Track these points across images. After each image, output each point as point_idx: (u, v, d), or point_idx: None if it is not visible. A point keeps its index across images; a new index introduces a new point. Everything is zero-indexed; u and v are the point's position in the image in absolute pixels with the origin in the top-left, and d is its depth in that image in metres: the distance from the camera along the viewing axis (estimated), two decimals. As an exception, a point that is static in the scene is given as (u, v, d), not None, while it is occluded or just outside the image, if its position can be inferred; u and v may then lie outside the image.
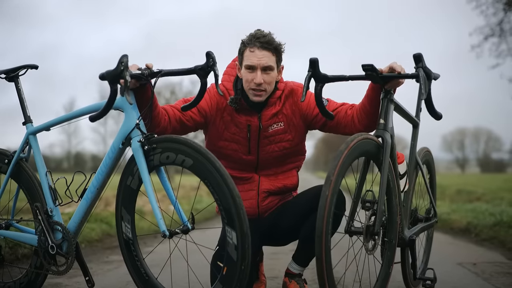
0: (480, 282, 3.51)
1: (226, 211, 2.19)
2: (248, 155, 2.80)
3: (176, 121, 2.66)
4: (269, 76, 2.68)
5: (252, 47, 2.65)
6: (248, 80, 2.68)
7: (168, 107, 2.68)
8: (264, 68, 2.65)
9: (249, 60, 2.66)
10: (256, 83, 2.65)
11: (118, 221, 2.49)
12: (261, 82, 2.65)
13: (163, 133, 2.63)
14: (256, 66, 2.65)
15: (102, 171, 2.48)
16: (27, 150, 2.84)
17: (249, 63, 2.66)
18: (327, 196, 2.13)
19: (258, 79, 2.65)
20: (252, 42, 2.65)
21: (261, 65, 2.64)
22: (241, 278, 2.18)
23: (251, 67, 2.66)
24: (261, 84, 2.66)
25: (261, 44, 2.64)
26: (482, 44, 10.56)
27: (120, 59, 2.23)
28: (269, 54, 2.65)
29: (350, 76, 2.54)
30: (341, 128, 2.76)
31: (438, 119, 2.63)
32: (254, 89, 2.68)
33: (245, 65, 2.68)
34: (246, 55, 2.67)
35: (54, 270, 2.65)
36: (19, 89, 2.89)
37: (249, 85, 2.69)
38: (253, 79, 2.66)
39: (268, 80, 2.68)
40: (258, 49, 2.64)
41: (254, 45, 2.65)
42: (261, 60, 2.64)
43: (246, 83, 2.70)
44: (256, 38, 2.65)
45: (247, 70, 2.68)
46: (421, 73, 2.42)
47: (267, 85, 2.69)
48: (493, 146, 65.03)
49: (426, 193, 3.31)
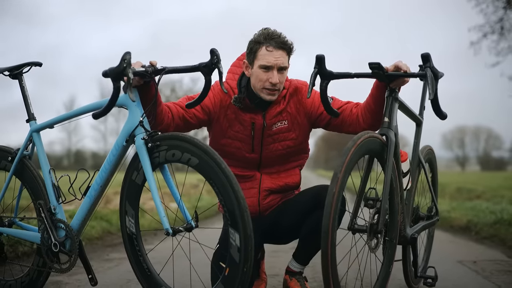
0: (481, 280, 3.51)
1: (230, 213, 2.19)
2: (251, 153, 2.80)
3: (179, 118, 2.66)
4: (283, 76, 2.68)
5: (269, 46, 2.63)
6: (263, 80, 2.66)
7: (171, 104, 2.67)
8: (279, 68, 2.65)
9: (265, 60, 2.63)
10: (272, 83, 2.64)
11: (122, 216, 2.49)
12: (277, 82, 2.65)
13: (166, 130, 2.63)
14: (273, 66, 2.63)
15: (105, 169, 2.48)
16: (30, 147, 2.83)
17: (265, 62, 2.63)
18: (334, 193, 2.13)
19: (274, 79, 2.64)
20: (268, 41, 2.63)
21: (278, 65, 2.63)
22: (243, 279, 2.18)
23: (268, 67, 2.64)
24: (276, 84, 2.66)
25: (277, 44, 2.63)
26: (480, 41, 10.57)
27: (123, 56, 2.23)
28: (284, 54, 2.65)
29: (355, 73, 2.54)
30: (346, 127, 2.76)
31: (443, 119, 2.64)
32: (269, 88, 2.67)
33: (260, 64, 2.65)
34: (262, 54, 2.64)
35: (57, 268, 2.65)
36: (23, 87, 2.88)
37: (263, 85, 2.67)
38: (268, 78, 2.64)
39: (282, 80, 2.68)
40: (275, 49, 2.63)
41: (271, 44, 2.63)
42: (278, 60, 2.63)
43: (260, 82, 2.67)
44: (271, 38, 2.63)
45: (262, 70, 2.65)
46: (429, 73, 2.41)
47: (280, 85, 2.69)
48: (493, 144, 65.06)
49: (427, 191, 3.31)
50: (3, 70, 2.88)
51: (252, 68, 2.70)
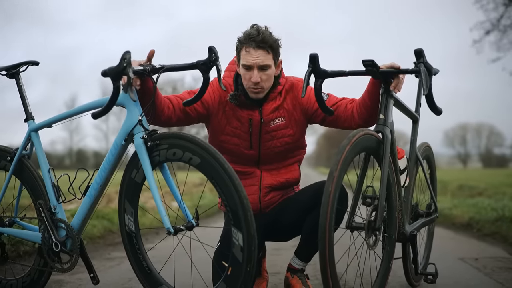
0: (482, 277, 3.51)
1: (233, 212, 2.18)
2: (250, 150, 2.81)
3: (180, 110, 2.67)
4: (266, 74, 2.68)
5: (248, 47, 2.64)
6: (246, 79, 2.69)
7: (172, 96, 2.69)
8: (260, 67, 2.66)
9: (244, 60, 2.66)
10: (253, 82, 2.66)
11: (121, 214, 2.48)
12: (258, 81, 2.66)
13: (168, 122, 2.64)
14: (252, 66, 2.65)
15: (105, 168, 2.47)
16: (29, 147, 2.83)
17: (245, 62, 2.66)
18: (330, 191, 2.14)
19: (254, 78, 2.66)
20: (247, 42, 2.65)
21: (257, 64, 2.65)
22: (246, 279, 2.18)
23: (248, 67, 2.66)
24: (258, 83, 2.67)
25: (255, 44, 2.63)
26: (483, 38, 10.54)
27: (122, 55, 2.22)
28: (264, 52, 2.65)
29: (350, 71, 2.54)
30: (341, 123, 2.77)
31: (438, 114, 2.64)
32: (252, 87, 2.69)
33: (242, 64, 2.69)
34: (242, 55, 2.67)
35: (59, 268, 2.65)
36: (20, 86, 2.88)
37: (247, 84, 2.70)
38: (250, 78, 2.67)
39: (265, 78, 2.68)
40: (254, 49, 2.64)
41: (249, 45, 2.64)
42: (256, 60, 2.64)
43: (245, 81, 2.71)
44: (250, 38, 2.64)
45: (244, 69, 2.68)
46: (422, 68, 2.42)
47: (264, 83, 2.69)
48: (495, 141, 65.04)
49: (426, 188, 3.31)
50: (0, 69, 2.88)
51: (239, 67, 2.73)
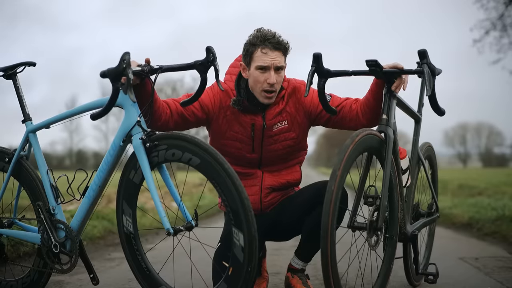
0: (482, 276, 3.50)
1: (234, 213, 2.17)
2: (252, 153, 2.80)
3: (178, 114, 2.65)
4: (280, 76, 2.68)
5: (264, 48, 2.63)
6: (260, 81, 2.67)
7: (170, 100, 2.67)
8: (276, 68, 2.65)
9: (261, 61, 2.64)
10: (270, 83, 2.64)
11: (119, 215, 2.47)
12: (275, 82, 2.65)
13: (165, 127, 2.62)
14: (270, 66, 2.64)
15: (103, 169, 2.46)
16: (27, 148, 2.82)
17: (262, 63, 2.64)
18: (332, 190, 2.13)
19: (272, 79, 2.64)
20: (263, 43, 2.64)
21: (275, 64, 2.64)
22: (247, 279, 2.17)
23: (264, 68, 2.65)
24: (274, 84, 2.66)
25: (272, 45, 2.63)
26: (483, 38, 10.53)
27: (122, 56, 2.21)
28: (280, 54, 2.65)
29: (353, 71, 2.54)
30: (346, 123, 2.76)
31: (441, 115, 2.63)
32: (267, 90, 2.67)
33: (256, 66, 2.65)
34: (258, 56, 2.65)
35: (58, 269, 2.64)
36: (17, 87, 2.87)
37: (261, 86, 2.67)
38: (266, 79, 2.65)
39: (279, 80, 2.68)
40: (271, 50, 2.63)
41: (266, 46, 2.63)
42: (274, 60, 2.63)
43: (258, 84, 2.68)
44: (266, 39, 2.63)
45: (259, 71, 2.66)
46: (426, 69, 2.41)
47: (278, 85, 2.69)
48: (495, 141, 65.11)
49: (428, 188, 3.30)
50: None
51: (249, 70, 2.70)
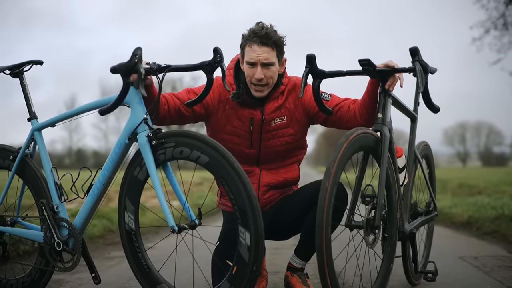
0: (481, 275, 3.52)
1: (241, 212, 2.17)
2: (250, 149, 2.82)
3: (175, 110, 2.67)
4: (270, 71, 2.69)
5: (252, 43, 2.66)
6: (250, 75, 2.71)
7: (168, 95, 2.69)
8: (263, 64, 2.67)
9: (248, 56, 2.68)
10: (256, 78, 2.67)
11: (121, 211, 2.46)
12: (261, 77, 2.67)
13: (160, 123, 2.65)
14: (256, 62, 2.66)
15: (108, 167, 2.46)
16: (32, 146, 2.82)
17: (248, 59, 2.68)
18: (327, 187, 2.14)
19: (258, 74, 2.67)
20: (251, 38, 2.66)
21: (260, 60, 2.66)
22: (251, 278, 2.17)
23: (252, 63, 2.68)
24: (261, 79, 2.67)
25: (260, 40, 2.64)
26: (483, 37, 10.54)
27: (134, 51, 2.20)
28: (269, 49, 2.66)
29: (347, 71, 2.56)
30: (344, 123, 2.78)
31: (436, 112, 2.65)
32: (255, 84, 2.70)
33: (246, 61, 2.70)
34: (246, 51, 2.69)
35: (60, 267, 2.64)
36: (24, 85, 2.88)
37: (250, 80, 2.71)
38: (254, 74, 2.68)
39: (269, 75, 2.69)
40: (257, 45, 2.65)
41: (253, 41, 2.66)
42: (260, 56, 2.65)
43: (248, 78, 2.73)
44: (254, 34, 2.66)
45: (248, 66, 2.70)
46: (418, 66, 2.43)
47: (268, 79, 2.71)
48: (494, 140, 65.02)
49: (426, 187, 3.31)
50: (4, 68, 2.87)
51: (243, 64, 2.74)
